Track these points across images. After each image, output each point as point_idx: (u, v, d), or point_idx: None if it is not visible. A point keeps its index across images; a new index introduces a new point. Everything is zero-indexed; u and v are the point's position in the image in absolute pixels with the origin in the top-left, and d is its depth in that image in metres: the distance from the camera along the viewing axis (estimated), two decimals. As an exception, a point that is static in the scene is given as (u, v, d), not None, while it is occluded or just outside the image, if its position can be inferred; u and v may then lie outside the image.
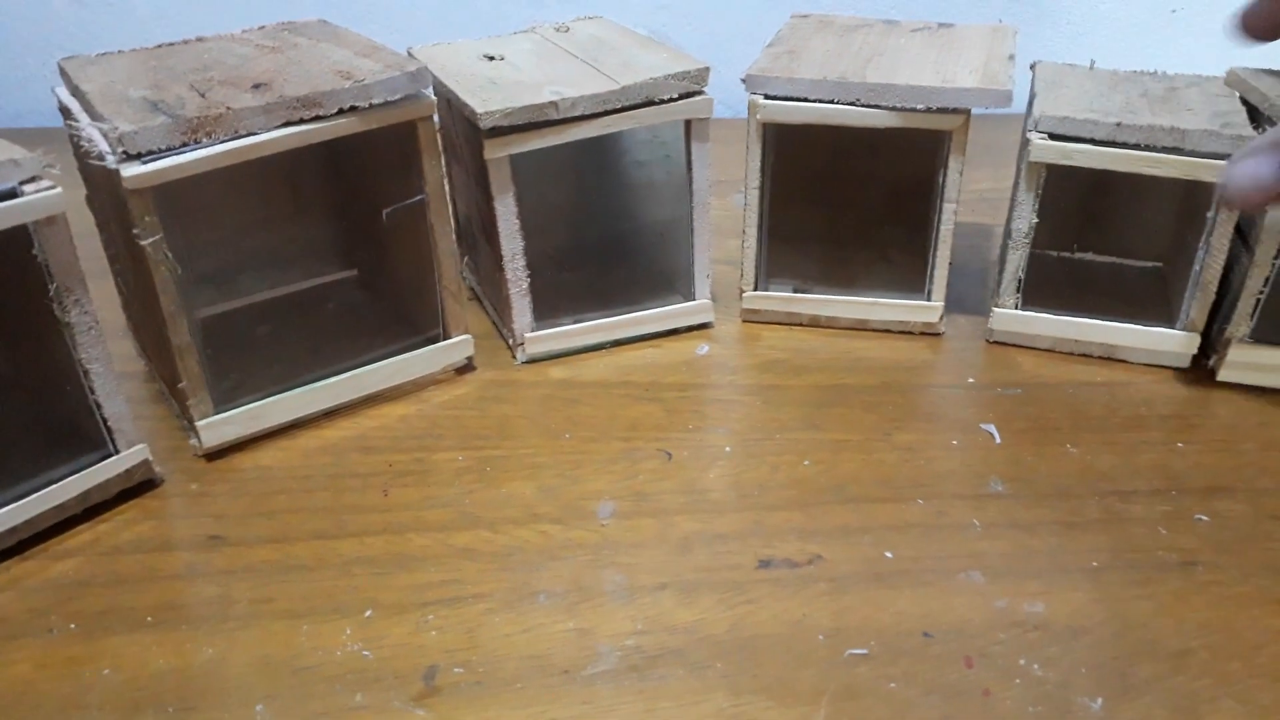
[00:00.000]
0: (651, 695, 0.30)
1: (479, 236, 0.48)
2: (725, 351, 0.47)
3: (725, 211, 0.56)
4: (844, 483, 0.38)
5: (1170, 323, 0.44)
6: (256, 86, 0.37)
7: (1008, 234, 0.46)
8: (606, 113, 0.41)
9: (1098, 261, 0.51)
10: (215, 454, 0.40)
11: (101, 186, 0.39)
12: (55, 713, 0.30)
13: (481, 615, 0.33)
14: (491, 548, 0.35)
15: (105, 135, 0.34)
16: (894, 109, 0.42)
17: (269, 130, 0.36)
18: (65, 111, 0.39)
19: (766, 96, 0.43)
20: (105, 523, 0.37)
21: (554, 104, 0.40)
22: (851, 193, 0.53)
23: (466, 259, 0.52)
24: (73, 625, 0.33)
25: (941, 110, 0.42)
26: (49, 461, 0.36)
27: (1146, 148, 0.40)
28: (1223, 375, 0.43)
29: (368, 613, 0.33)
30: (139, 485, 0.38)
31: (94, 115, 0.36)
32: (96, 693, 0.30)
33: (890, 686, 0.30)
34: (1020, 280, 0.44)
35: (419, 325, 0.45)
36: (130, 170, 0.34)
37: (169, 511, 0.38)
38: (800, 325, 0.48)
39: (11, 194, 0.32)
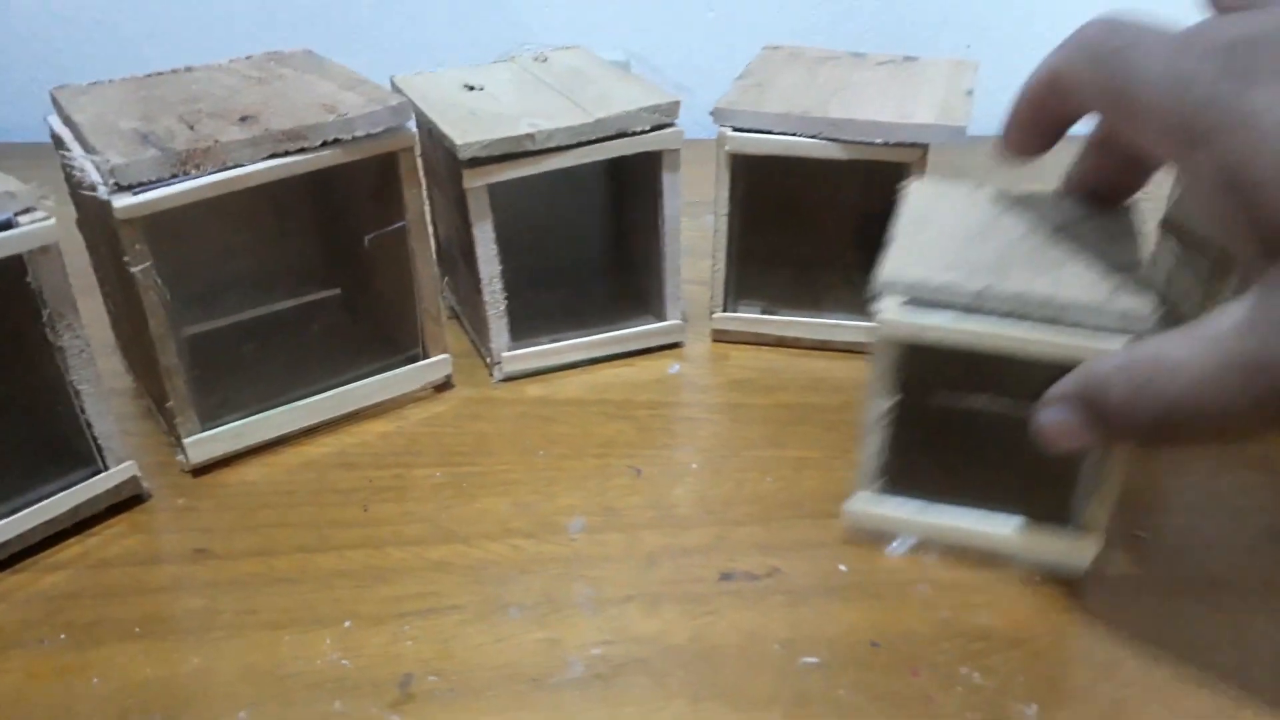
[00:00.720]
0: (616, 702, 0.32)
1: (458, 258, 0.50)
2: (695, 370, 0.49)
3: (699, 232, 0.58)
4: (804, 499, 0.40)
5: (1063, 519, 0.35)
6: (244, 119, 0.39)
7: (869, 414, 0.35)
8: (581, 144, 0.43)
9: (970, 412, 0.41)
10: (201, 470, 0.42)
11: (92, 212, 0.40)
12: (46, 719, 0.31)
13: (456, 626, 0.34)
14: (466, 561, 0.37)
15: (97, 167, 0.36)
16: (854, 143, 0.44)
17: (255, 162, 0.38)
18: (58, 141, 0.40)
19: (734, 129, 0.45)
20: (94, 536, 0.39)
21: (530, 136, 0.42)
22: (818, 218, 0.55)
23: (446, 279, 0.53)
24: (63, 636, 0.34)
25: (900, 144, 0.44)
26: (40, 478, 0.38)
27: (1019, 317, 0.32)
28: None
29: (347, 624, 0.34)
30: (127, 500, 0.40)
31: (86, 146, 0.37)
32: (86, 701, 0.32)
33: (839, 693, 0.32)
34: (883, 463, 0.36)
35: (399, 345, 0.46)
36: (121, 201, 0.35)
37: (156, 526, 0.39)
38: (767, 345, 0.50)
39: (7, 225, 0.33)
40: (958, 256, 0.33)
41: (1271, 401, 0.25)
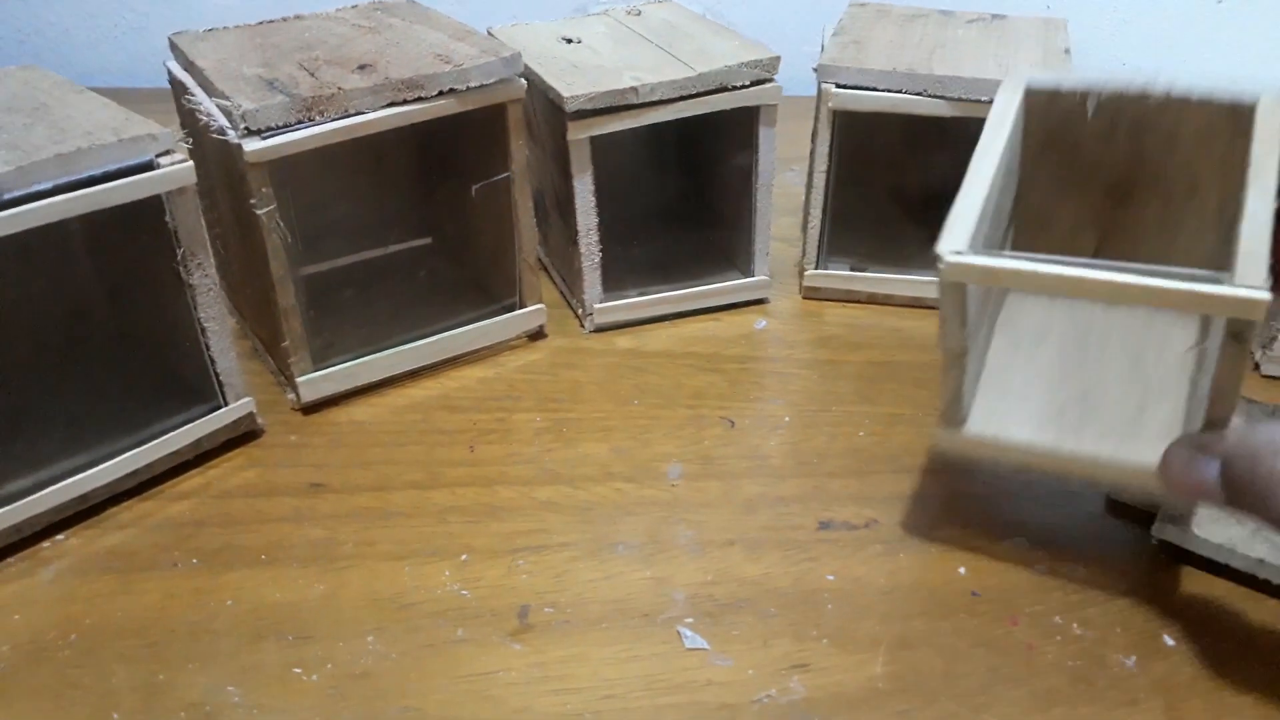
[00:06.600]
0: (724, 639, 0.33)
1: (551, 211, 0.50)
2: (782, 326, 0.50)
3: (781, 189, 0.58)
4: (898, 453, 0.41)
5: None
6: (362, 68, 0.39)
7: None
8: (682, 98, 0.44)
9: None
10: (311, 408, 0.43)
11: (211, 158, 0.41)
12: (188, 636, 0.33)
13: (567, 562, 0.36)
14: (572, 502, 0.38)
15: (227, 112, 0.37)
16: (959, 99, 0.44)
17: (375, 110, 0.38)
18: (179, 86, 0.42)
19: (838, 85, 0.45)
20: (215, 469, 0.40)
21: (634, 89, 0.43)
22: (910, 176, 0.55)
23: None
24: (195, 560, 0.36)
25: (1001, 102, 0.44)
26: (165, 411, 0.40)
27: None
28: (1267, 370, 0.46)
29: (464, 557, 0.36)
30: (243, 435, 0.41)
31: (212, 91, 0.39)
32: (222, 620, 0.34)
33: (941, 639, 0.33)
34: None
35: (496, 294, 0.48)
36: (251, 145, 0.37)
37: (272, 460, 0.41)
38: (857, 302, 0.51)
39: (149, 166, 0.34)
40: None
41: None
